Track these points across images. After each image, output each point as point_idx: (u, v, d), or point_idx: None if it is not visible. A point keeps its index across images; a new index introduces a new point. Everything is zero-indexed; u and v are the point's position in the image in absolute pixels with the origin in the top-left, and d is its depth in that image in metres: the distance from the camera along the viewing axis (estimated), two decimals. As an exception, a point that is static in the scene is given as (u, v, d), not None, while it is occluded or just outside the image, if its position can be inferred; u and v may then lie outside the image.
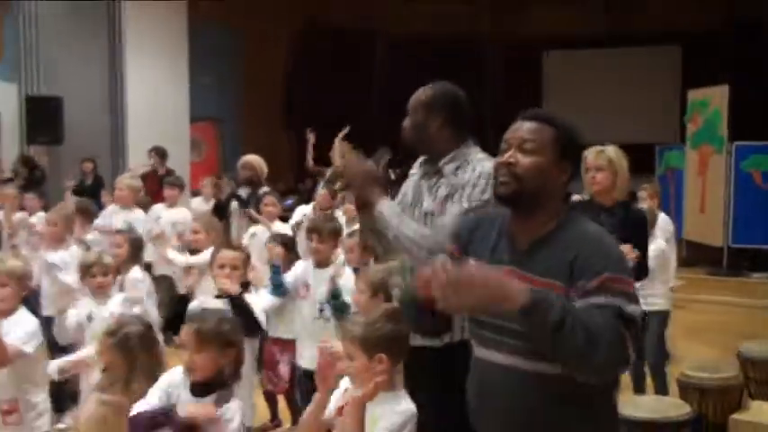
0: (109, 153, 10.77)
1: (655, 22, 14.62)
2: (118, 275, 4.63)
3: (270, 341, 4.91)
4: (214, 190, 8.49)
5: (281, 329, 4.88)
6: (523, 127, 2.18)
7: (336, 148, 6.37)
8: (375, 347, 2.58)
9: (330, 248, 4.59)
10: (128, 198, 6.73)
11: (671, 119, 14.89)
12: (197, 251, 5.55)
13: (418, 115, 2.99)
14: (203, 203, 8.65)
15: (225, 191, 8.25)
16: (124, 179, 7.06)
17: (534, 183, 2.12)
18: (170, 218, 7.28)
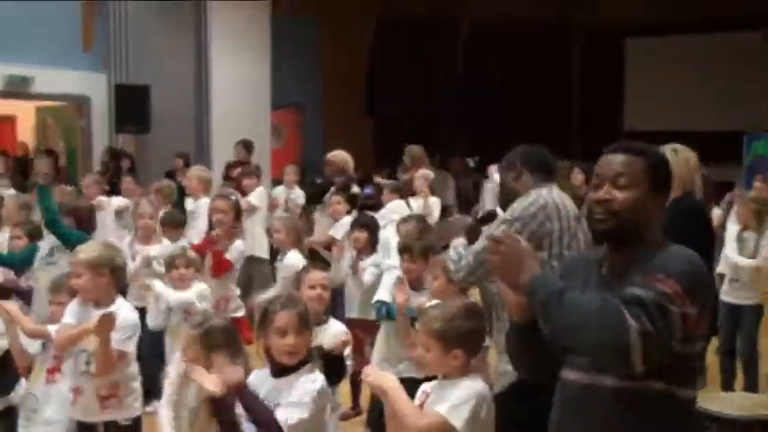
0: (194, 145, 10.97)
1: (738, 8, 14.14)
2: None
3: (353, 324, 4.79)
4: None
5: (364, 311, 4.98)
6: (616, 161, 2.16)
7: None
8: (452, 343, 2.61)
9: (422, 268, 4.15)
10: (197, 188, 7.03)
11: (759, 105, 14.36)
12: (277, 252, 5.57)
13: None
14: (285, 192, 8.80)
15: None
16: (194, 170, 7.41)
17: (632, 216, 2.12)
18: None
